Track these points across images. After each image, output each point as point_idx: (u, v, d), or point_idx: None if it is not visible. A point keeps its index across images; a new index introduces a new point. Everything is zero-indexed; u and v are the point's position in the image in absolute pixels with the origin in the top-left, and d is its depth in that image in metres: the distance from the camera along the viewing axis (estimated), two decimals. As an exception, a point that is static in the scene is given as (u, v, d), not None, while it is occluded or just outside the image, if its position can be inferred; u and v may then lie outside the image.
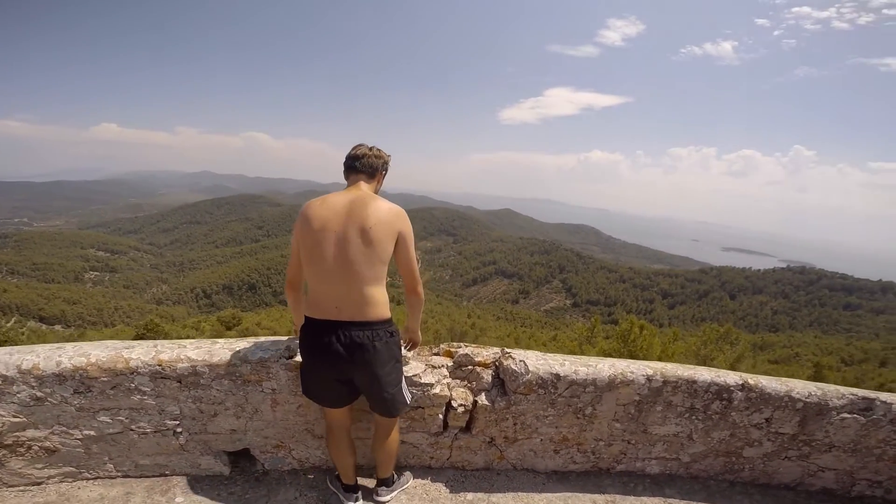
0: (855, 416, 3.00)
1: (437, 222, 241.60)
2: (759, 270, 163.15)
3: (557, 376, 2.77)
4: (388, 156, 2.47)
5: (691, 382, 2.91)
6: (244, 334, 33.93)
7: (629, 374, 2.84)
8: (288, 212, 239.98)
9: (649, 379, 2.86)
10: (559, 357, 2.97)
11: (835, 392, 3.02)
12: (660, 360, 19.81)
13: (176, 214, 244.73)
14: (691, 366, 3.03)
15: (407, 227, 2.26)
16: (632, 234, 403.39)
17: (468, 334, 44.48)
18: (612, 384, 2.82)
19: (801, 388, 3.00)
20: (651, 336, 20.61)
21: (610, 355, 20.44)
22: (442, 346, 3.24)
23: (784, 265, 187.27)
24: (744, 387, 2.95)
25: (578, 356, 3.05)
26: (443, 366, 3.01)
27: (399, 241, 2.24)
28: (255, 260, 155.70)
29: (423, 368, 2.88)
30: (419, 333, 2.82)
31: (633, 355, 19.70)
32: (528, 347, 37.14)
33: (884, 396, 2.99)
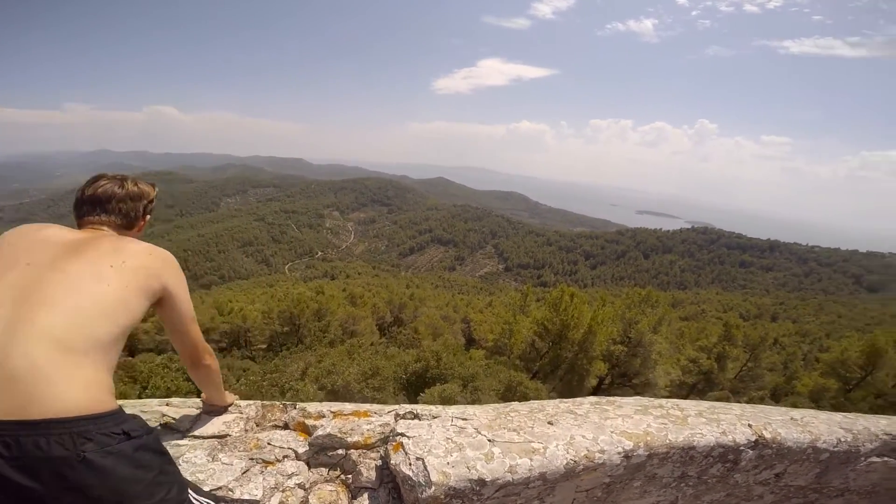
0: (885, 459, 2.24)
1: (369, 193, 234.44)
2: (668, 231, 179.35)
3: (481, 482, 1.57)
4: (154, 189, 1.75)
5: (687, 449, 1.89)
6: (159, 325, 30.42)
7: (597, 455, 1.72)
8: (203, 188, 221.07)
9: (627, 456, 1.77)
10: (486, 430, 1.78)
11: (867, 435, 2.19)
12: (590, 327, 20.12)
13: (68, 199, 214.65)
14: (687, 425, 2.00)
15: (175, 279, 1.51)
16: (557, 199, 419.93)
17: (407, 306, 43.49)
18: (572, 473, 1.70)
19: (828, 434, 2.12)
20: (581, 303, 20.82)
21: (543, 325, 20.44)
22: (293, 411, 1.96)
23: (689, 226, 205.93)
24: (756, 443, 2.00)
25: (522, 423, 1.88)
26: (289, 456, 1.73)
27: (165, 299, 1.48)
28: (169, 242, 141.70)
29: (244, 465, 1.59)
30: (227, 397, 1.98)
31: (564, 325, 19.80)
32: (465, 315, 36.61)
33: None
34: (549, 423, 1.90)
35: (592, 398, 2.37)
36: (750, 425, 2.06)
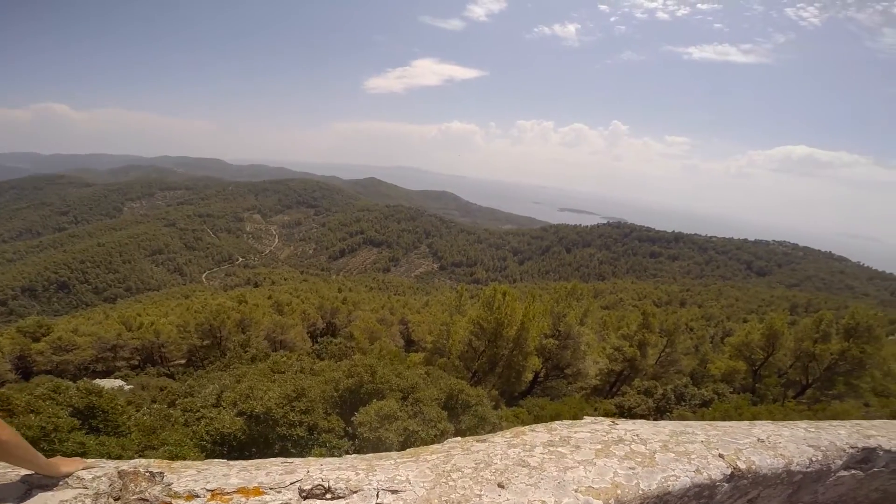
0: (853, 471, 2.15)
1: (294, 195, 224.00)
2: (587, 226, 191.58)
3: None
4: None
5: (662, 496, 1.58)
6: (57, 344, 26.39)
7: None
8: (102, 192, 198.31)
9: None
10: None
11: (835, 451, 2.09)
12: (523, 323, 20.46)
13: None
14: (657, 465, 1.69)
15: None
16: (486, 198, 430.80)
17: (340, 311, 41.70)
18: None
19: (799, 456, 1.98)
20: (513, 301, 21.11)
21: (479, 324, 20.43)
22: (155, 489, 1.40)
23: (605, 221, 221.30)
24: (732, 476, 1.78)
25: (467, 492, 1.45)
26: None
27: None
28: (64, 253, 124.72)
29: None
30: (60, 464, 1.55)
31: (499, 323, 19.93)
32: (402, 316, 35.81)
33: (884, 443, 2.15)
34: (500, 484, 1.49)
35: (543, 433, 2.01)
36: (722, 456, 1.85)
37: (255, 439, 8.64)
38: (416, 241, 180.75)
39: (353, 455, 1.85)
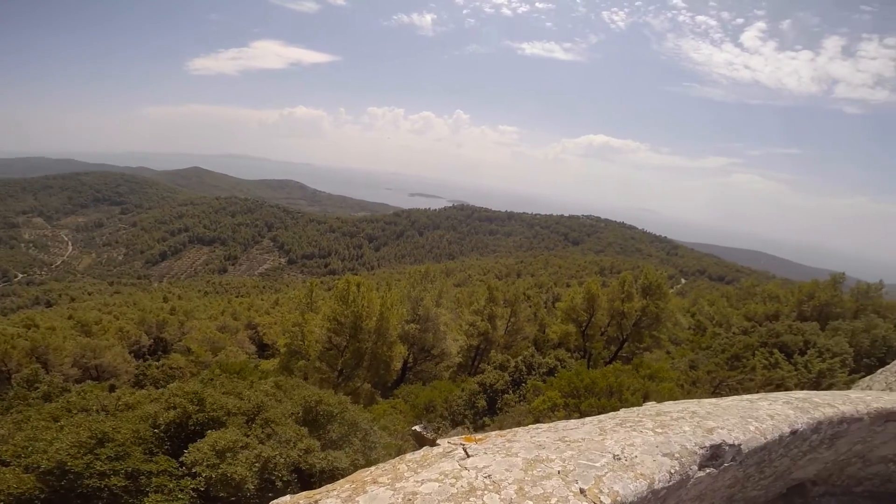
0: (708, 470, 2.36)
1: (90, 191, 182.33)
2: (436, 210, 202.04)
3: None
4: None
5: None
6: None
7: None
8: None
9: None
10: None
11: (688, 456, 2.29)
12: (382, 313, 20.09)
13: None
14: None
15: None
16: (336, 185, 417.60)
17: (169, 323, 35.71)
18: None
19: (659, 471, 2.12)
20: (369, 291, 20.56)
21: (336, 319, 19.34)
22: None
23: (451, 204, 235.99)
24: None
25: None
26: None
27: None
28: None
29: None
30: None
31: (357, 315, 19.19)
32: (249, 320, 32.21)
33: (727, 437, 2.46)
34: None
35: (385, 492, 1.65)
36: (583, 491, 1.85)
37: (63, 496, 6.62)
38: (256, 234, 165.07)
39: None
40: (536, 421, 10.78)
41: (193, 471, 7.14)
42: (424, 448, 2.41)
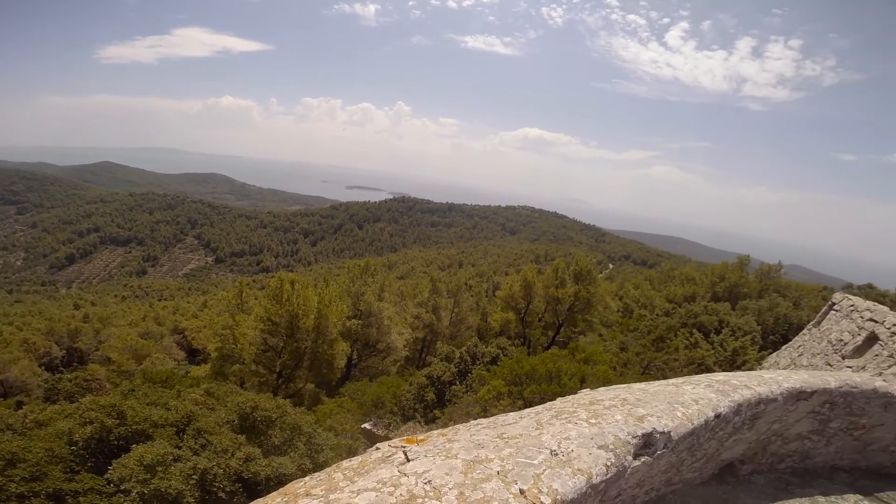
0: (643, 458, 2.47)
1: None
2: (375, 202, 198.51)
3: None
4: None
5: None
6: None
7: None
8: None
9: None
10: None
11: (624, 448, 2.33)
12: (320, 310, 19.36)
13: None
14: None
15: None
16: (266, 179, 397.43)
17: (84, 332, 32.29)
18: None
19: (595, 464, 2.14)
20: (304, 288, 19.67)
21: (270, 320, 18.36)
22: None
23: (392, 196, 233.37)
24: None
25: None
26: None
27: None
28: None
29: None
30: None
31: (293, 314, 18.35)
32: (175, 324, 29.92)
33: (657, 424, 2.56)
34: None
35: None
36: (523, 491, 1.81)
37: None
38: (178, 232, 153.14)
39: None
40: (484, 411, 10.96)
41: (123, 487, 6.60)
42: (363, 454, 2.29)
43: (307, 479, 2.04)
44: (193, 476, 6.72)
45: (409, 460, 2.08)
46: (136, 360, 25.94)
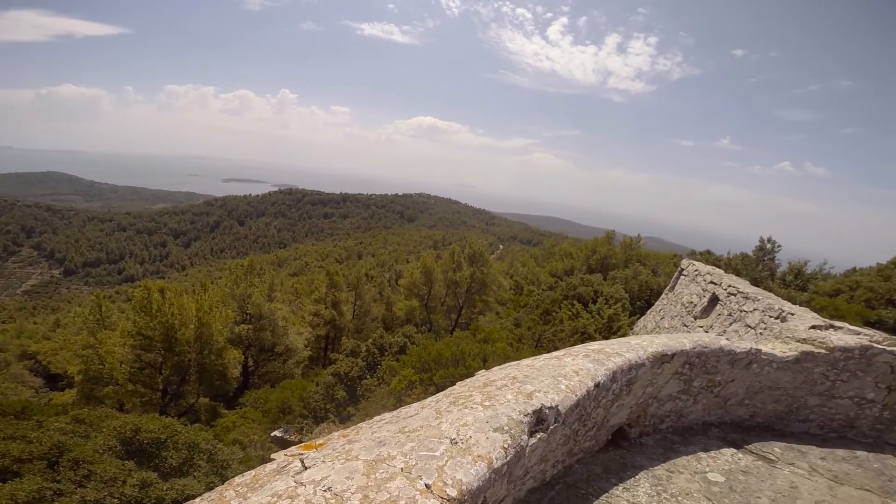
0: (539, 435, 2.60)
1: None
2: (258, 196, 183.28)
3: None
4: None
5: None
6: None
7: None
8: None
9: None
10: None
11: (518, 427, 2.39)
12: (200, 319, 17.44)
13: None
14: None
15: None
16: (122, 175, 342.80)
17: None
18: None
19: (494, 450, 2.17)
20: (177, 296, 17.57)
21: (142, 335, 16.07)
22: None
23: (277, 188, 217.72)
24: None
25: None
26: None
27: None
28: None
29: None
30: None
31: (168, 326, 16.31)
32: (23, 350, 25.11)
33: (545, 400, 2.67)
34: None
35: None
36: (428, 486, 1.81)
37: None
38: (10, 243, 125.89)
39: None
40: (399, 401, 10.95)
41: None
42: (258, 467, 2.14)
43: (197, 500, 1.87)
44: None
45: (306, 468, 1.96)
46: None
